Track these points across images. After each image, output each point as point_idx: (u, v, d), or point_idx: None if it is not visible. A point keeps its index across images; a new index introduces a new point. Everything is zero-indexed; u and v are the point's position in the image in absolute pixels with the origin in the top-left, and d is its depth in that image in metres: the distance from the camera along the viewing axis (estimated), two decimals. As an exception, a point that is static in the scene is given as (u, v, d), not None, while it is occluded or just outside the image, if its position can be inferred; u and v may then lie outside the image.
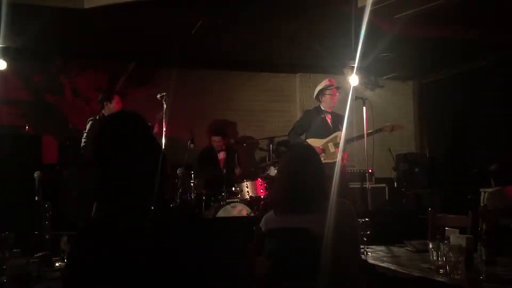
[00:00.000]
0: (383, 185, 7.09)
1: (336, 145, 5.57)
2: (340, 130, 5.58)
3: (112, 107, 5.22)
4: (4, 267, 2.41)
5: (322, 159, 5.27)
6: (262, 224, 2.51)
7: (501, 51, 6.73)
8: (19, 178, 4.72)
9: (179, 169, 4.99)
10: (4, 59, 6.13)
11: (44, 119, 6.75)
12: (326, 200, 2.34)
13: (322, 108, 5.78)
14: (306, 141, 5.69)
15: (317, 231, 2.25)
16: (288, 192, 2.43)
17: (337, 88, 5.79)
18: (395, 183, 7.27)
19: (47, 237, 3.22)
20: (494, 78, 7.06)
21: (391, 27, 5.64)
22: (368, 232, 2.88)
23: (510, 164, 4.49)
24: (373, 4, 4.86)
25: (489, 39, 6.26)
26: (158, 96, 4.91)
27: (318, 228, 2.25)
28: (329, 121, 5.73)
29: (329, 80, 5.82)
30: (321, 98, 5.79)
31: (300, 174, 2.42)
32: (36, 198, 3.55)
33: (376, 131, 5.63)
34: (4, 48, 6.06)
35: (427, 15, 5.33)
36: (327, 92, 5.74)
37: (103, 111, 5.28)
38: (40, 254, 2.76)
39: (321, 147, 5.59)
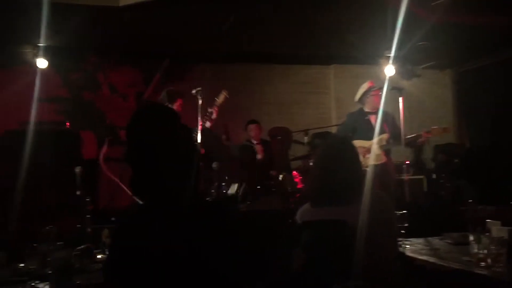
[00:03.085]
0: (421, 176, 6.94)
1: (382, 147, 5.41)
2: (386, 131, 5.41)
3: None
4: (49, 259, 2.49)
5: (367, 161, 5.26)
6: (297, 216, 2.51)
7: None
8: (61, 173, 4.86)
9: (214, 163, 5.02)
10: (45, 58, 6.34)
11: (83, 115, 6.93)
12: (362, 192, 2.31)
13: (366, 110, 5.63)
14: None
15: (353, 223, 2.23)
16: (324, 184, 2.41)
17: (380, 88, 5.62)
18: (434, 175, 7.11)
19: (88, 230, 3.31)
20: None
21: (428, 14, 5.50)
22: (406, 225, 2.83)
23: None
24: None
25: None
26: (193, 91, 4.93)
27: (354, 220, 2.23)
28: (373, 122, 5.55)
29: (370, 82, 5.68)
30: (365, 100, 5.66)
31: (336, 166, 2.41)
32: (78, 192, 3.65)
33: (413, 139, 5.42)
34: (44, 47, 6.26)
35: (465, 1, 5.18)
36: (372, 93, 5.58)
37: None
38: (82, 246, 2.84)
39: (366, 148, 5.43)
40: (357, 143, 5.41)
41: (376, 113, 5.53)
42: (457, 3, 5.18)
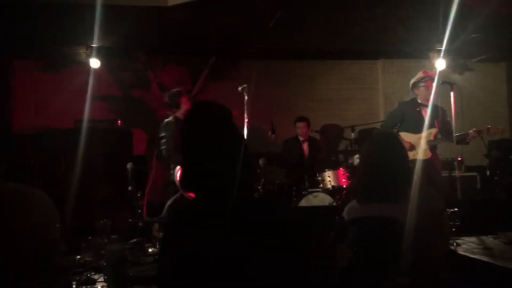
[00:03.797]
0: (474, 173, 6.72)
1: (430, 142, 5.23)
2: (436, 126, 5.22)
3: (184, 108, 5.05)
4: (103, 251, 2.59)
5: (412, 155, 5.09)
6: (344, 213, 2.50)
7: None
8: (114, 169, 5.02)
9: (261, 159, 5.06)
10: (98, 58, 6.58)
11: (133, 113, 7.14)
12: (410, 189, 2.28)
13: (419, 101, 5.40)
14: (398, 134, 5.34)
15: (402, 220, 2.20)
16: (371, 181, 2.39)
17: (433, 79, 5.41)
18: (488, 172, 6.87)
19: (140, 224, 3.42)
20: None
21: (482, 6, 5.31)
22: (458, 223, 2.76)
23: None
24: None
25: None
26: (239, 88, 4.98)
27: (402, 217, 2.20)
28: (424, 115, 5.34)
29: (424, 72, 5.45)
30: (415, 91, 5.47)
31: (383, 162, 2.38)
32: (130, 188, 3.77)
33: (462, 137, 5.14)
34: (97, 48, 6.50)
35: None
36: (421, 84, 5.36)
37: (175, 114, 5.08)
38: (135, 240, 2.93)
39: (412, 142, 5.27)
40: (403, 135, 5.33)
41: (428, 106, 5.31)
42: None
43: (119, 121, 6.36)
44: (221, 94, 6.65)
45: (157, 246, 2.86)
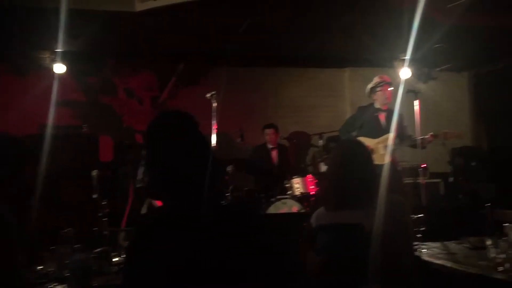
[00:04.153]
0: (438, 180, 6.88)
1: (387, 147, 5.24)
2: (394, 131, 5.24)
3: None
4: (67, 262, 2.52)
5: None
6: (313, 220, 2.51)
7: None
8: (78, 176, 4.91)
9: (229, 166, 5.04)
10: (62, 63, 6.44)
11: (99, 119, 7.01)
12: (377, 196, 2.31)
13: (377, 106, 5.55)
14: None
15: (369, 226, 2.22)
16: (339, 188, 2.41)
17: (389, 83, 5.54)
18: (451, 178, 7.04)
19: (105, 233, 3.35)
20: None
21: (444, 17, 5.46)
22: (423, 229, 2.81)
23: None
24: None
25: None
26: (208, 95, 4.96)
27: (369, 223, 2.23)
28: (382, 119, 5.46)
29: (380, 77, 5.57)
30: (373, 96, 5.58)
31: (350, 169, 2.41)
32: (95, 195, 3.69)
33: (419, 141, 5.27)
34: (62, 53, 6.37)
35: (482, 3, 5.14)
36: (378, 89, 5.47)
37: None
38: (99, 249, 2.87)
39: (371, 146, 5.25)
40: (362, 140, 5.26)
41: (386, 110, 5.47)
42: (474, 5, 5.13)
43: (84, 127, 6.23)
44: (190, 101, 6.61)
45: (123, 255, 2.80)
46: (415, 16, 5.04)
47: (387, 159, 5.27)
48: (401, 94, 5.37)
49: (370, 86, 5.55)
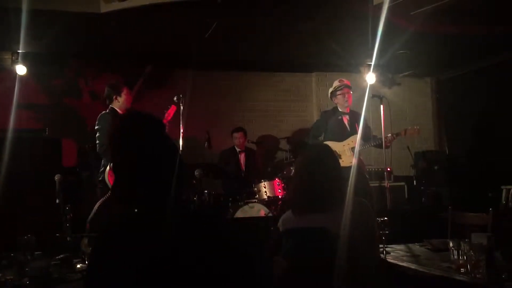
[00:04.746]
0: (402, 183, 7.02)
1: (353, 149, 5.45)
2: (357, 131, 5.45)
3: (123, 100, 4.93)
4: (26, 269, 2.44)
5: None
6: (279, 224, 2.51)
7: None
8: (40, 181, 4.79)
9: (196, 170, 5.00)
10: (24, 64, 6.26)
11: (63, 122, 6.84)
12: (343, 199, 2.33)
13: (339, 109, 5.69)
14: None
15: (335, 230, 2.24)
16: (306, 192, 2.42)
17: (348, 87, 5.66)
18: (414, 181, 7.20)
19: (68, 239, 3.26)
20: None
21: (408, 24, 5.59)
22: (387, 231, 2.85)
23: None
24: (390, 1, 4.82)
25: (507, 33, 6.15)
26: (175, 98, 4.92)
27: (336, 227, 2.24)
28: (346, 122, 5.62)
29: (340, 80, 5.72)
30: (334, 100, 5.73)
31: (317, 173, 2.42)
32: (57, 200, 3.60)
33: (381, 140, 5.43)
34: (24, 54, 6.19)
35: (445, 11, 5.27)
36: (338, 92, 5.64)
37: (111, 106, 4.93)
38: (61, 256, 2.79)
39: (337, 150, 5.43)
40: (329, 144, 5.47)
41: (349, 113, 5.63)
42: (436, 12, 5.27)
43: (47, 130, 6.07)
44: (156, 104, 6.53)
45: (86, 262, 2.73)
46: (380, 22, 5.13)
47: (353, 160, 5.39)
48: (367, 98, 5.52)
49: (330, 90, 5.73)
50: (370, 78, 7.09)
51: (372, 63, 6.89)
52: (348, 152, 5.49)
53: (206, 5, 5.09)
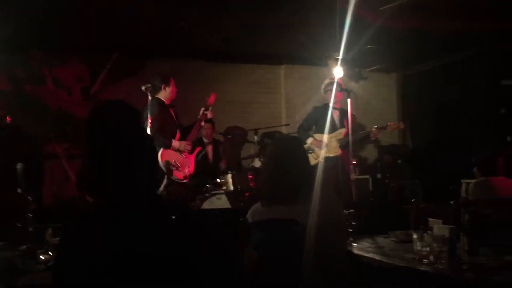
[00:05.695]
0: (367, 176, 7.15)
1: (339, 140, 5.75)
2: (345, 126, 5.70)
3: (170, 90, 5.27)
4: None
5: (323, 153, 5.65)
6: (248, 215, 2.52)
7: (484, 43, 6.81)
8: (1, 170, 4.65)
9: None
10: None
11: (26, 110, 6.64)
12: (312, 191, 2.36)
13: (330, 105, 5.87)
14: (313, 136, 5.86)
15: (304, 222, 2.27)
16: (274, 184, 2.44)
17: (337, 84, 5.80)
18: (379, 175, 7.34)
19: (30, 229, 3.18)
20: (477, 69, 7.17)
21: (375, 19, 5.67)
22: (354, 223, 2.91)
23: (496, 155, 4.55)
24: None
25: (471, 30, 6.32)
26: (143, 87, 4.84)
27: (305, 219, 2.27)
28: (336, 117, 5.87)
29: (330, 79, 5.94)
30: (325, 96, 5.92)
31: (286, 165, 2.44)
32: (19, 190, 3.51)
33: (366, 134, 5.83)
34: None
35: (411, 7, 5.38)
36: (328, 88, 5.87)
37: (157, 96, 5.16)
38: (25, 247, 2.73)
39: (324, 140, 5.74)
40: (317, 136, 5.83)
41: (339, 109, 5.88)
42: (404, 8, 5.36)
43: (8, 118, 5.88)
44: (124, 93, 6.43)
45: (51, 253, 2.68)
46: (346, 15, 5.20)
47: (338, 151, 5.70)
48: (334, 92, 5.67)
49: (322, 87, 5.98)
50: (338, 72, 7.16)
51: (340, 57, 6.96)
52: (335, 143, 5.77)
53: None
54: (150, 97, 4.84)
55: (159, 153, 4.80)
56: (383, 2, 5.30)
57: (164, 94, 5.23)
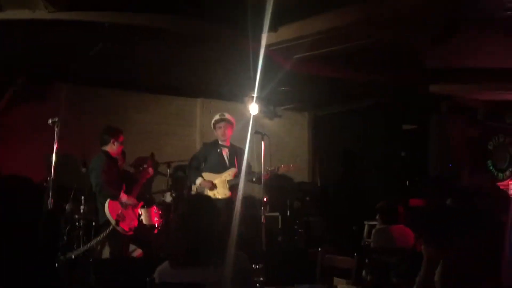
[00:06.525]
0: (277, 214, 7.25)
1: (229, 181, 5.62)
2: (236, 166, 5.65)
3: (119, 145, 5.32)
4: None
5: (212, 194, 5.45)
6: (155, 275, 2.46)
7: (387, 92, 7.30)
8: None
9: (68, 204, 4.70)
10: None
11: None
12: (220, 251, 2.38)
13: (219, 142, 5.79)
14: (202, 175, 5.69)
15: (212, 283, 2.26)
16: (183, 245, 2.42)
17: (228, 121, 5.77)
18: (288, 212, 7.48)
19: None
20: (381, 116, 7.67)
21: (286, 63, 5.87)
22: (262, 279, 2.94)
23: (397, 203, 4.86)
24: (267, 46, 5.04)
25: (375, 81, 6.76)
26: (50, 121, 4.58)
27: (213, 281, 2.27)
28: (225, 155, 5.75)
29: (220, 114, 5.84)
30: (215, 132, 5.84)
31: (195, 226, 2.44)
32: None
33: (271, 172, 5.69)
34: None
35: (322, 57, 5.68)
36: (218, 125, 5.78)
37: (104, 148, 5.25)
38: None
39: (214, 181, 5.61)
40: (206, 175, 5.66)
41: (229, 146, 5.78)
42: (315, 58, 5.64)
43: None
44: (31, 119, 6.07)
45: None
46: (260, 59, 5.34)
47: (228, 193, 5.51)
48: (250, 132, 5.68)
49: (212, 122, 5.80)
50: (253, 109, 7.30)
51: (255, 95, 7.10)
52: (225, 184, 5.59)
53: (92, 27, 4.87)
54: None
55: (106, 203, 4.94)
56: (291, 53, 5.50)
57: (112, 148, 5.26)
